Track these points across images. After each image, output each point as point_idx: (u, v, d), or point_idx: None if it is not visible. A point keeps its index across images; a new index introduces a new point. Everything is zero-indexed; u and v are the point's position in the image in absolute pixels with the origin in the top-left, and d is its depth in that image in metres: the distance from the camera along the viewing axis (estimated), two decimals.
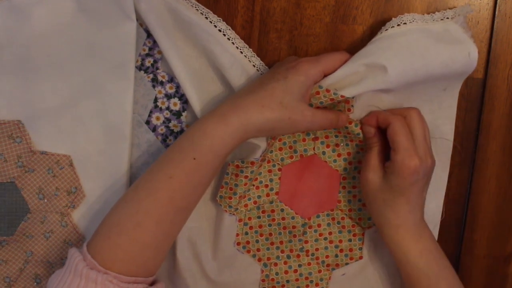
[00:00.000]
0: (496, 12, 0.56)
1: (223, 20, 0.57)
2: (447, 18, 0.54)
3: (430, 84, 0.55)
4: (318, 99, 0.52)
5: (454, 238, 0.63)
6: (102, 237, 0.50)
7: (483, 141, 0.60)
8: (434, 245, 0.55)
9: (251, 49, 0.57)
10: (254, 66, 0.57)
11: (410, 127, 0.52)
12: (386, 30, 0.53)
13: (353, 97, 0.53)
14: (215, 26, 0.56)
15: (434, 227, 0.60)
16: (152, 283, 0.52)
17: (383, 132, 0.54)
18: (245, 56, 0.57)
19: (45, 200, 0.59)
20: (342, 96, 0.52)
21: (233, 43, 0.57)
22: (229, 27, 0.57)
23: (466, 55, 0.52)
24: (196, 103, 0.57)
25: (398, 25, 0.53)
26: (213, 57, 0.56)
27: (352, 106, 0.55)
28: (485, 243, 0.62)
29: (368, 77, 0.52)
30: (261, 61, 0.57)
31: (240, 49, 0.57)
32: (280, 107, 0.50)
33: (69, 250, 0.51)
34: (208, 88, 0.58)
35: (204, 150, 0.50)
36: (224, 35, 0.56)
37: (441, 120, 0.57)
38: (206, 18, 0.56)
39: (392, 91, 0.54)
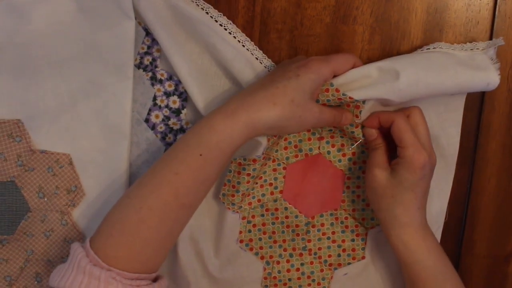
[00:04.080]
0: (496, 12, 0.56)
1: None
2: (477, 49, 0.54)
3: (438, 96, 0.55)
4: (326, 97, 0.52)
5: (454, 237, 0.63)
6: (105, 234, 0.49)
7: (483, 141, 0.60)
8: (438, 244, 0.55)
9: (252, 42, 0.57)
10: (257, 58, 0.57)
11: (415, 125, 0.53)
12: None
13: (363, 102, 0.53)
14: (216, 21, 0.56)
15: (438, 229, 0.60)
16: (155, 279, 0.52)
17: (385, 133, 0.54)
18: (247, 49, 0.57)
19: (45, 199, 0.59)
20: (350, 98, 0.52)
21: (234, 37, 0.57)
22: (230, 22, 0.57)
23: (485, 85, 0.52)
24: (199, 99, 0.57)
25: (422, 50, 0.54)
26: (216, 51, 0.56)
27: (360, 112, 0.54)
28: (485, 243, 0.62)
29: (379, 83, 0.52)
30: (263, 54, 0.57)
31: (242, 43, 0.57)
32: (292, 105, 0.49)
33: (71, 245, 0.50)
34: (212, 83, 0.58)
35: (211, 146, 0.49)
36: (226, 29, 0.56)
37: (448, 122, 0.57)
38: (207, 13, 0.56)
39: (399, 103, 0.54)
